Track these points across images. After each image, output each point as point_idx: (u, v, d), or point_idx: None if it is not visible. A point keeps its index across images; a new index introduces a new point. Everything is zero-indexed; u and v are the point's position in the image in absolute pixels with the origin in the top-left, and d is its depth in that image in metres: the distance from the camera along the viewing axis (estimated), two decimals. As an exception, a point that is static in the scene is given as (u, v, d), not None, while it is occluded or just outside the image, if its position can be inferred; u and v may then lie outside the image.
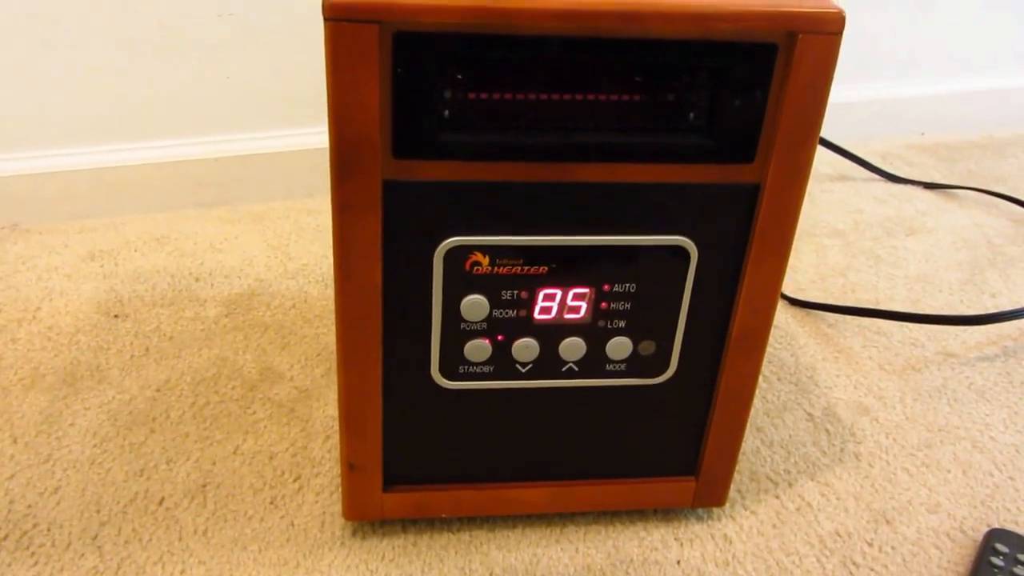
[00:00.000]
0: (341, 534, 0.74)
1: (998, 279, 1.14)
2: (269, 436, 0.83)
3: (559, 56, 0.55)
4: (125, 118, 1.16)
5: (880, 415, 0.90)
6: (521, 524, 0.76)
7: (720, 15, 0.54)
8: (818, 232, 1.23)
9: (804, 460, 0.84)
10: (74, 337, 0.95)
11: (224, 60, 1.15)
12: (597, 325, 0.65)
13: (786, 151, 0.59)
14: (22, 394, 0.86)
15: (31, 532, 0.73)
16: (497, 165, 0.58)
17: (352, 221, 0.58)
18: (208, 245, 1.13)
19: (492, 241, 0.61)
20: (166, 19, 1.11)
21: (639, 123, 0.58)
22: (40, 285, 1.03)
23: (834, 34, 0.55)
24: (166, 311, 0.99)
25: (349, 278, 0.60)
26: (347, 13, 0.51)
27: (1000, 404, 0.92)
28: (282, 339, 0.96)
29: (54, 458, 0.80)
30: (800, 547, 0.75)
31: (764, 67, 0.56)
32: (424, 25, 0.52)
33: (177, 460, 0.80)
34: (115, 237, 1.13)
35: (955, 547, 0.76)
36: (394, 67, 0.53)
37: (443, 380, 0.66)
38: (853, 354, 0.99)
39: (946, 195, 1.35)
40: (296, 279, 1.07)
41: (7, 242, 1.11)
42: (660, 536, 0.76)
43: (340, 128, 0.54)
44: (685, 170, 0.60)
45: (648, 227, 0.62)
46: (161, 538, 0.73)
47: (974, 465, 0.85)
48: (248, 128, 1.21)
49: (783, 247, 0.63)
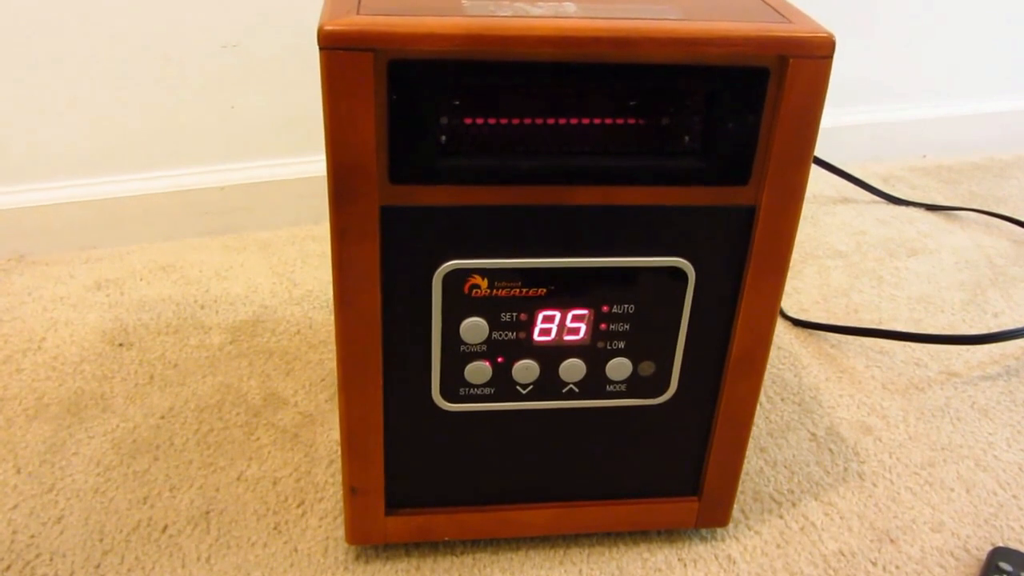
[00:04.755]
0: (344, 559, 0.74)
1: (1000, 299, 1.14)
2: (273, 462, 0.84)
3: (554, 81, 0.55)
4: (130, 149, 1.17)
5: (883, 434, 0.90)
6: (524, 546, 0.76)
7: (711, 40, 0.54)
8: (821, 253, 1.23)
9: (807, 480, 0.84)
10: (79, 366, 0.95)
11: (228, 90, 1.17)
12: (596, 346, 0.66)
13: (780, 173, 0.59)
14: (26, 424, 0.87)
15: (34, 562, 0.73)
16: (494, 189, 0.58)
17: (350, 247, 0.58)
18: (213, 273, 1.13)
19: (490, 264, 0.61)
20: (170, 50, 1.12)
21: (634, 147, 0.59)
22: (46, 315, 1.04)
23: (824, 58, 0.56)
24: (171, 339, 1.00)
25: (348, 303, 0.61)
26: (342, 42, 0.52)
27: (1003, 423, 0.92)
28: (286, 365, 0.97)
29: (57, 487, 0.80)
30: (804, 567, 0.75)
31: (756, 91, 0.57)
32: (419, 53, 0.53)
33: (181, 487, 0.80)
34: (121, 267, 1.14)
35: (959, 566, 0.76)
36: (389, 95, 0.54)
37: (444, 403, 0.67)
38: (856, 374, 0.99)
39: (948, 216, 1.35)
40: (301, 305, 1.07)
41: (13, 273, 1.12)
42: (664, 557, 0.76)
43: (337, 155, 0.55)
44: (681, 193, 0.60)
45: (645, 249, 0.62)
46: (164, 566, 0.73)
47: (978, 484, 0.85)
48: (253, 156, 1.22)
49: (780, 268, 0.64)
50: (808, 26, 0.56)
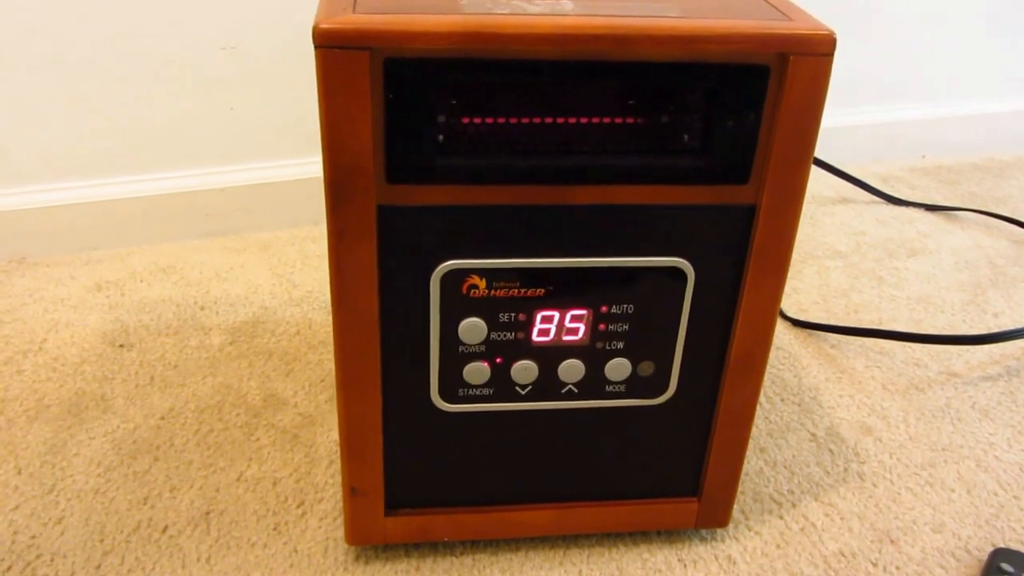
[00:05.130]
0: (344, 559, 0.74)
1: (1000, 299, 1.14)
2: (273, 462, 0.84)
3: (552, 80, 0.55)
4: (131, 151, 1.17)
5: (883, 435, 0.90)
6: (524, 547, 0.76)
7: (710, 38, 0.54)
8: (820, 254, 1.23)
9: (808, 480, 0.84)
10: (79, 368, 0.95)
11: (228, 91, 1.17)
12: (595, 347, 0.66)
13: (781, 172, 0.59)
14: (27, 425, 0.87)
15: (34, 563, 0.73)
16: (492, 189, 0.58)
17: (348, 247, 0.58)
18: (214, 274, 1.13)
19: (489, 264, 0.61)
20: (170, 52, 1.12)
21: (633, 145, 0.59)
22: (47, 317, 1.04)
23: (825, 55, 0.55)
24: (171, 340, 1.00)
25: (346, 304, 0.60)
26: (337, 40, 0.52)
27: (1004, 423, 0.92)
28: (286, 366, 0.96)
29: (58, 488, 0.80)
30: (804, 568, 0.75)
31: (756, 89, 0.57)
32: (415, 51, 0.53)
33: (181, 488, 0.80)
34: (121, 268, 1.14)
35: (960, 567, 0.76)
36: (386, 93, 0.54)
37: (443, 403, 0.67)
38: (856, 374, 0.99)
39: (947, 217, 1.35)
40: (300, 306, 1.07)
41: (15, 275, 1.12)
42: (663, 558, 0.76)
43: (333, 155, 0.55)
44: (680, 192, 0.60)
45: (644, 249, 0.62)
46: (164, 566, 0.73)
47: (978, 484, 0.84)
48: (253, 158, 1.22)
49: (780, 267, 0.63)
50: (808, 23, 0.56)
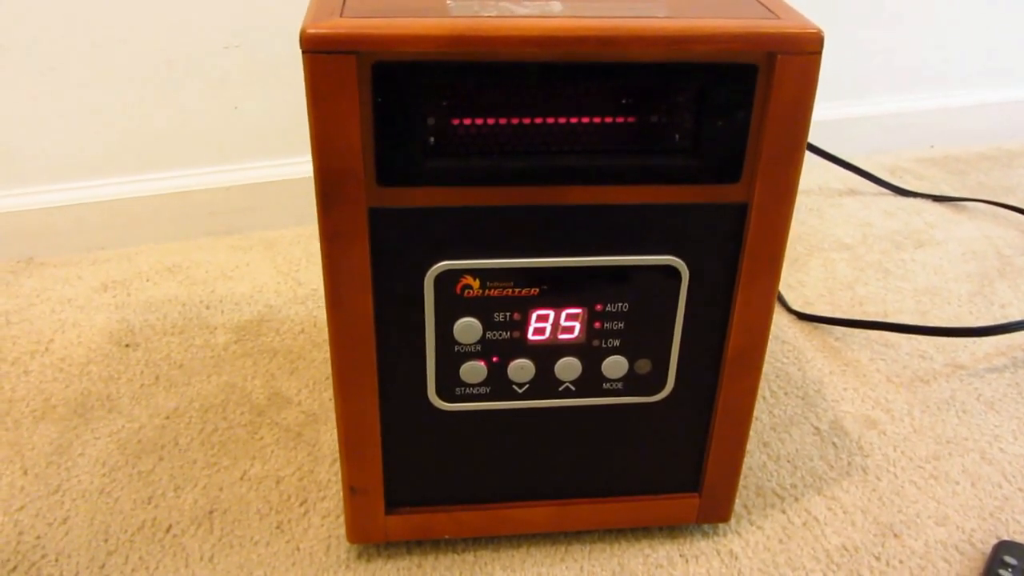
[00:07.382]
0: (346, 557, 0.75)
1: (1007, 290, 1.13)
2: (276, 461, 0.84)
3: (540, 81, 0.55)
4: (136, 150, 1.17)
5: (888, 428, 0.90)
6: (525, 544, 0.76)
7: (698, 38, 0.54)
8: (826, 246, 1.23)
9: (811, 474, 0.84)
10: (85, 367, 0.96)
11: (232, 91, 1.17)
12: (592, 345, 0.66)
13: (772, 170, 0.59)
14: (33, 425, 0.88)
15: (39, 563, 0.74)
16: (483, 190, 0.58)
17: (340, 250, 0.59)
18: (219, 273, 1.14)
19: (482, 264, 0.61)
20: (174, 53, 1.12)
21: (624, 145, 0.59)
22: (53, 317, 1.05)
23: (813, 53, 0.55)
24: (176, 339, 1.01)
25: (340, 305, 0.61)
26: (325, 45, 0.52)
27: (1009, 415, 0.92)
28: (290, 364, 0.97)
29: (63, 488, 0.81)
30: (807, 562, 0.75)
31: (745, 88, 0.57)
32: (403, 55, 0.53)
33: (185, 487, 0.81)
34: (128, 268, 1.15)
35: (964, 560, 0.76)
36: (374, 97, 0.54)
37: (440, 402, 0.67)
38: (860, 367, 0.98)
39: (955, 207, 1.35)
40: (305, 304, 1.08)
41: (22, 275, 1.13)
42: (665, 553, 0.76)
43: (323, 158, 0.55)
44: (672, 191, 0.60)
45: (638, 247, 0.62)
46: (168, 565, 0.74)
47: (983, 477, 0.84)
48: (257, 157, 1.22)
49: (774, 264, 0.63)
50: (796, 22, 0.56)
